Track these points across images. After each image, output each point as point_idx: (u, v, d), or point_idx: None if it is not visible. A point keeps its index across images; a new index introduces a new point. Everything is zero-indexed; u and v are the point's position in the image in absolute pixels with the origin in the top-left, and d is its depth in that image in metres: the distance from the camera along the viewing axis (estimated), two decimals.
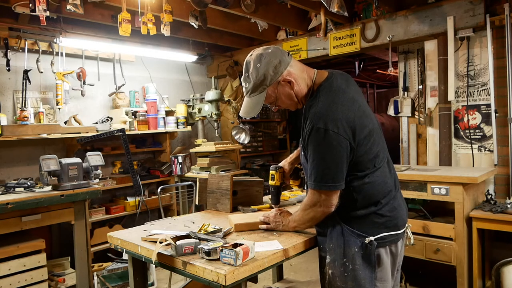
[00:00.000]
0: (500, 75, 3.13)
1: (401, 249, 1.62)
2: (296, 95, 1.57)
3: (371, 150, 1.51)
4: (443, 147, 3.38)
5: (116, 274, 3.13)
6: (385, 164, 1.57)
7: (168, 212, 4.31)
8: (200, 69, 5.23)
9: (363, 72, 6.67)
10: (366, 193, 1.51)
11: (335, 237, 1.55)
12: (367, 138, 1.49)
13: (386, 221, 1.51)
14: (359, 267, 1.49)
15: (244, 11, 3.35)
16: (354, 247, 1.50)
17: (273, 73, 1.51)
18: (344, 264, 1.52)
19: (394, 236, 1.53)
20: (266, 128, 6.11)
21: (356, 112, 1.48)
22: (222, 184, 2.30)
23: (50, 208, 2.79)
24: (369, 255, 1.48)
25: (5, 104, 3.43)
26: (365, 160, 1.50)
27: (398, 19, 3.52)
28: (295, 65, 1.56)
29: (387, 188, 1.54)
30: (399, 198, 1.61)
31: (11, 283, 2.66)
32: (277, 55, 1.52)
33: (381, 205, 1.51)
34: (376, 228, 1.50)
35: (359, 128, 1.46)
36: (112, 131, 3.49)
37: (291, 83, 1.54)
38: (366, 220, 1.51)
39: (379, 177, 1.53)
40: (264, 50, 1.54)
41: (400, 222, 1.57)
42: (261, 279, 3.27)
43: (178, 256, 1.50)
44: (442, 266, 2.77)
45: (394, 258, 1.58)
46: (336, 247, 1.55)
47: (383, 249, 1.52)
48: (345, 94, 1.52)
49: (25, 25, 3.35)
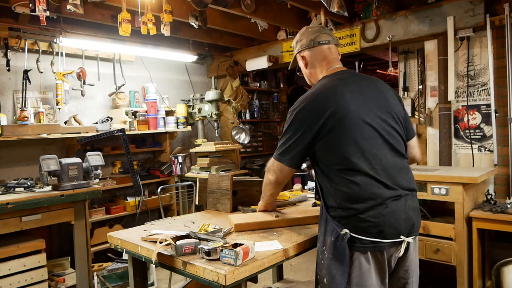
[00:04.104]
0: (500, 75, 3.13)
1: (394, 259, 1.52)
2: (308, 74, 1.77)
3: (343, 144, 1.47)
4: (443, 147, 3.38)
5: (116, 274, 3.13)
6: (372, 170, 1.46)
7: (168, 212, 4.31)
8: (200, 69, 5.23)
9: (363, 72, 6.65)
10: (342, 193, 1.48)
11: (321, 226, 1.60)
12: (339, 132, 1.47)
13: (368, 226, 1.43)
14: (332, 257, 1.50)
15: (244, 11, 3.35)
16: (331, 237, 1.51)
17: (295, 45, 1.79)
18: (322, 252, 1.56)
19: (377, 243, 1.44)
20: (266, 128, 6.11)
21: (334, 104, 1.49)
22: (222, 184, 2.30)
23: (50, 208, 2.79)
24: (343, 248, 1.45)
25: (5, 104, 3.43)
26: (335, 155, 1.48)
27: (398, 19, 3.52)
28: (318, 52, 1.71)
29: (373, 194, 1.44)
30: (397, 206, 1.47)
31: (11, 283, 2.66)
32: (304, 35, 1.75)
33: (363, 209, 1.44)
34: (356, 230, 1.45)
35: (330, 120, 1.47)
36: (112, 131, 3.49)
37: (305, 61, 1.75)
38: (347, 219, 1.47)
39: (359, 180, 1.45)
40: (308, 27, 1.80)
41: (389, 230, 1.45)
42: (261, 279, 3.27)
43: (178, 256, 1.50)
44: (442, 266, 2.77)
45: (381, 266, 1.50)
46: (320, 235, 1.60)
47: (363, 255, 1.46)
48: (333, 87, 1.56)
49: (25, 25, 3.35)
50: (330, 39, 1.71)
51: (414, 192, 1.58)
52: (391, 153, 1.53)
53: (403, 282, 1.59)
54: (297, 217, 1.94)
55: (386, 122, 1.54)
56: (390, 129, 1.55)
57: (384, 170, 1.48)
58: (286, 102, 6.42)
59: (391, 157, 1.52)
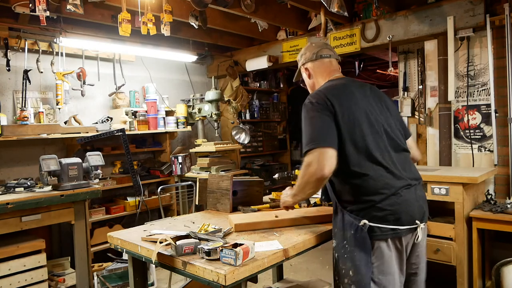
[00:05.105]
0: (500, 75, 3.13)
1: (409, 246, 1.64)
2: (311, 84, 1.92)
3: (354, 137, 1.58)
4: (443, 147, 3.38)
5: (116, 274, 3.13)
6: (384, 163, 1.59)
7: (168, 212, 4.31)
8: (200, 69, 5.23)
9: (363, 72, 6.68)
10: (357, 187, 1.58)
11: (338, 222, 1.66)
12: (353, 125, 1.59)
13: (386, 214, 1.54)
14: (355, 249, 1.57)
15: (244, 11, 3.35)
16: (350, 230, 1.58)
17: (300, 59, 1.96)
18: (344, 247, 1.61)
19: (395, 230, 1.55)
20: (266, 128, 6.11)
21: (344, 97, 1.65)
22: (222, 184, 2.30)
23: (50, 208, 2.79)
24: (364, 238, 1.54)
25: (5, 104, 3.43)
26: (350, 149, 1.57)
27: (398, 19, 3.52)
28: (320, 64, 1.87)
29: (387, 184, 1.56)
30: (409, 194, 1.59)
31: (11, 283, 2.66)
32: (308, 49, 1.92)
33: (379, 199, 1.54)
34: (374, 219, 1.54)
35: (343, 111, 1.60)
36: (112, 131, 3.49)
37: (308, 72, 1.91)
38: (365, 211, 1.56)
39: (373, 172, 1.56)
40: (312, 42, 2.07)
41: (405, 217, 1.56)
42: (261, 279, 3.27)
43: (178, 256, 1.50)
44: (442, 266, 2.77)
45: (400, 254, 1.60)
46: (338, 231, 1.66)
47: (384, 242, 1.55)
48: (342, 85, 1.73)
49: (25, 25, 3.35)
50: (332, 54, 1.89)
51: (420, 181, 1.71)
52: (396, 147, 1.66)
53: (414, 268, 1.70)
54: (297, 217, 1.94)
55: (389, 120, 1.70)
56: (394, 127, 1.71)
57: (392, 162, 1.60)
58: (286, 102, 6.42)
59: (397, 151, 1.66)
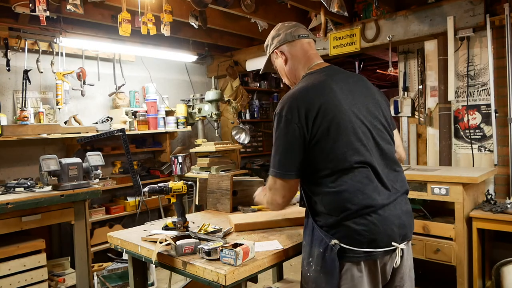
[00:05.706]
0: (500, 75, 3.13)
1: (389, 267, 1.42)
2: (288, 72, 1.63)
3: (336, 146, 1.36)
4: (443, 147, 3.38)
5: (116, 274, 3.13)
6: (365, 173, 1.37)
7: (168, 212, 4.31)
8: (200, 69, 5.23)
9: (363, 72, 6.68)
10: (330, 200, 1.37)
11: (307, 236, 1.47)
12: (331, 132, 1.36)
13: (360, 234, 1.33)
14: (321, 270, 1.38)
15: (244, 11, 3.35)
16: (319, 248, 1.39)
17: (271, 42, 1.65)
18: (309, 264, 1.44)
19: (369, 253, 1.34)
20: (266, 128, 6.11)
21: (325, 102, 1.38)
22: (222, 184, 2.30)
23: (50, 208, 2.79)
24: (332, 260, 1.34)
25: (5, 104, 3.43)
26: (325, 158, 1.36)
27: (398, 19, 3.52)
28: (298, 47, 1.59)
29: (364, 200, 1.34)
30: (391, 211, 1.38)
31: (11, 283, 2.66)
32: (282, 30, 1.61)
33: (353, 217, 1.34)
34: (346, 239, 1.34)
35: (321, 118, 1.36)
36: (112, 131, 3.48)
37: (284, 56, 1.60)
38: (336, 228, 1.36)
39: (350, 185, 1.35)
40: (283, 23, 1.65)
41: (382, 238, 1.35)
42: (261, 279, 3.27)
43: (178, 256, 1.50)
44: (442, 266, 2.77)
45: (374, 277, 1.39)
46: (306, 245, 1.47)
47: (355, 266, 1.35)
48: (321, 83, 1.44)
49: (25, 25, 3.35)
50: (309, 34, 1.62)
51: (406, 195, 1.51)
52: (383, 155, 1.45)
53: None
54: (297, 217, 1.94)
55: (377, 120, 1.47)
56: (382, 129, 1.48)
57: (376, 173, 1.39)
58: None
59: (383, 159, 1.45)
